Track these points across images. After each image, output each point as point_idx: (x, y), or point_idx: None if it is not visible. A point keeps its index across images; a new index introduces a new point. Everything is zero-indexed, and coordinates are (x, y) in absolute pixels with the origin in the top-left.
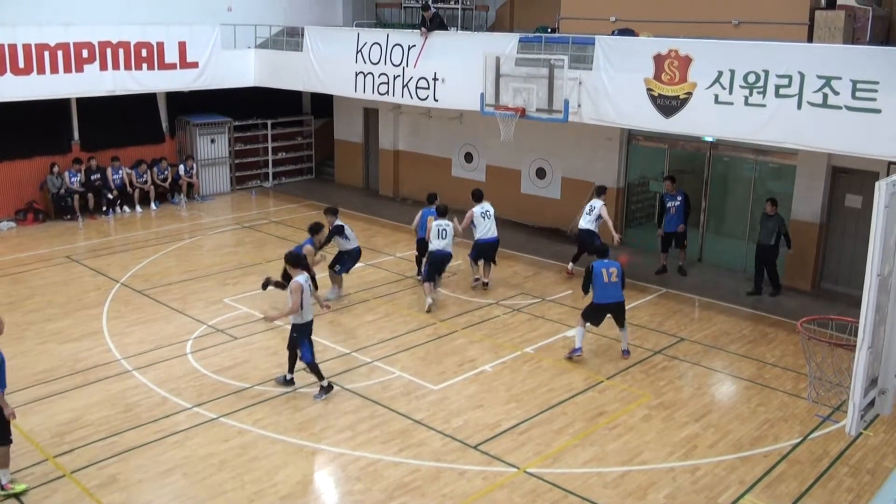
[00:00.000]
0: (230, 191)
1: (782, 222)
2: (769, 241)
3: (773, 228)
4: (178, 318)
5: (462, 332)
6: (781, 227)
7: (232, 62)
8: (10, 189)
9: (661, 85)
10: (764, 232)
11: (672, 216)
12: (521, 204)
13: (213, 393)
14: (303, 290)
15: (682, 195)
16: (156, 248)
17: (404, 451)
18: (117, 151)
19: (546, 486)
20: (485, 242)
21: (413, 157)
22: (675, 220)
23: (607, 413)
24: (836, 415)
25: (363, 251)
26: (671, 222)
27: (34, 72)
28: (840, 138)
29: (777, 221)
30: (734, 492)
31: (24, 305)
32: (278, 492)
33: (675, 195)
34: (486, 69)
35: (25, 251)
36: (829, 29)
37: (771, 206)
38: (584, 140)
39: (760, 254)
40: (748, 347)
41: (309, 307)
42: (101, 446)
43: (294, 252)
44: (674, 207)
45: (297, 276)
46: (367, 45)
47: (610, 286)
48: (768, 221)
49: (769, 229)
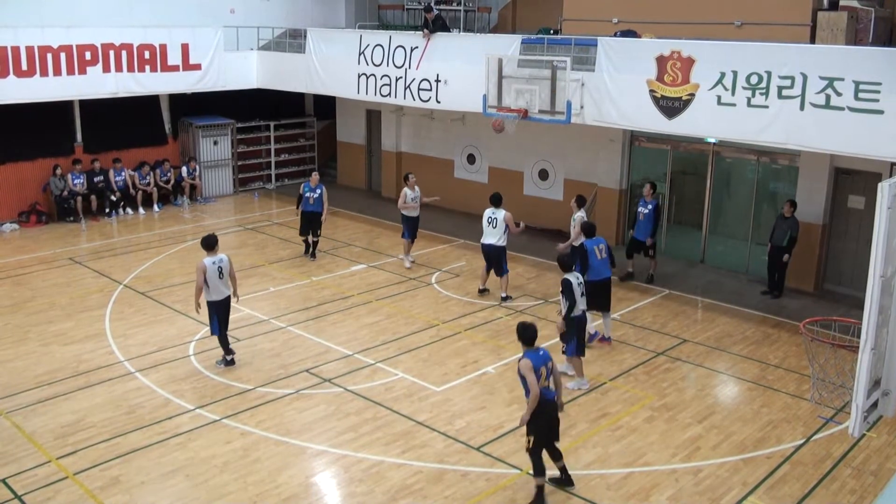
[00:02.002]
0: (233, 193)
1: (795, 225)
2: (782, 243)
3: (787, 230)
4: (180, 319)
5: (465, 333)
6: (794, 229)
7: (234, 64)
8: (13, 191)
9: (663, 86)
10: (779, 233)
11: (641, 222)
12: (524, 205)
13: (215, 395)
14: (206, 270)
15: (655, 204)
16: (158, 250)
17: (407, 452)
18: (120, 153)
19: (549, 488)
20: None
21: (415, 158)
22: (644, 227)
23: (610, 415)
24: (839, 416)
25: (364, 252)
26: (640, 229)
27: (37, 74)
28: (843, 139)
29: (791, 224)
30: (737, 493)
31: (26, 307)
32: (281, 493)
33: (649, 202)
34: (489, 71)
35: (28, 253)
36: (831, 30)
37: (789, 208)
38: (586, 141)
39: (773, 254)
40: (751, 349)
41: (217, 286)
42: (104, 448)
43: (207, 236)
44: (643, 214)
45: (206, 258)
46: (370, 46)
47: (602, 263)
48: (784, 223)
49: (783, 230)
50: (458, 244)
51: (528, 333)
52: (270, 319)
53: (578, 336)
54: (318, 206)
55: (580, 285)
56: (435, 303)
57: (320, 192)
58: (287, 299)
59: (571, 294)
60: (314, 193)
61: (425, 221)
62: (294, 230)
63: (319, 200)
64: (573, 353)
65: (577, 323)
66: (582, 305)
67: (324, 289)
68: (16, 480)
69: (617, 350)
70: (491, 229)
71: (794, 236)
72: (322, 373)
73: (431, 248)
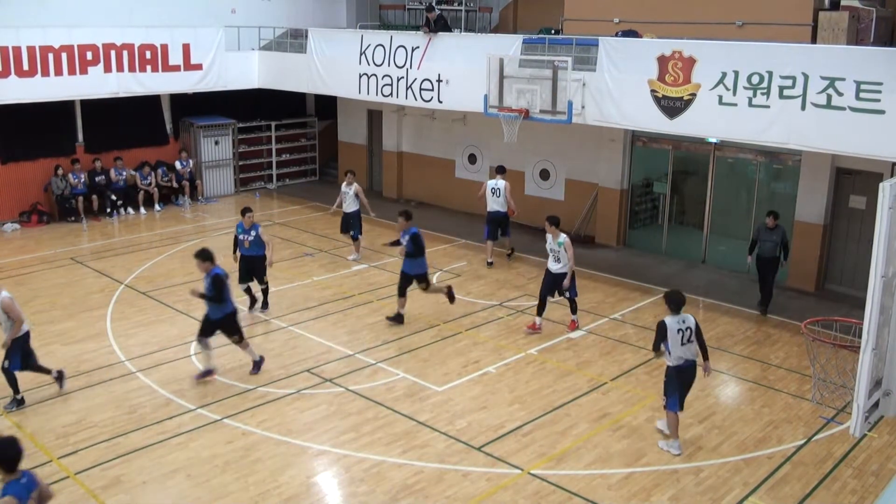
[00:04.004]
0: (234, 192)
1: (784, 233)
2: (774, 254)
3: (777, 241)
4: (182, 319)
5: (466, 333)
6: (784, 238)
7: (236, 64)
8: (15, 191)
9: (664, 86)
10: (768, 245)
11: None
12: (525, 205)
13: (216, 394)
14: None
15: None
16: (160, 250)
17: (408, 452)
18: (121, 153)
19: (550, 488)
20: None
21: (417, 158)
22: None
23: (611, 414)
24: (840, 416)
25: (365, 252)
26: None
27: (38, 74)
28: (844, 139)
29: (779, 234)
30: (738, 493)
31: (28, 307)
32: (282, 493)
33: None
34: (490, 71)
35: (29, 253)
36: (832, 30)
37: (772, 220)
38: (587, 141)
39: (762, 267)
40: (752, 349)
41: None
42: (105, 448)
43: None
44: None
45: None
46: (371, 46)
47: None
48: (771, 234)
49: (773, 242)
50: (460, 244)
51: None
52: (272, 319)
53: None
54: (257, 249)
55: (680, 332)
56: (436, 303)
57: (255, 233)
58: (288, 299)
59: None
60: (248, 236)
61: (425, 222)
62: (295, 229)
63: (257, 243)
64: (670, 406)
65: (674, 373)
66: (681, 353)
67: (325, 289)
68: None
69: (618, 350)
70: (495, 198)
71: (786, 244)
72: (323, 373)
73: (432, 248)
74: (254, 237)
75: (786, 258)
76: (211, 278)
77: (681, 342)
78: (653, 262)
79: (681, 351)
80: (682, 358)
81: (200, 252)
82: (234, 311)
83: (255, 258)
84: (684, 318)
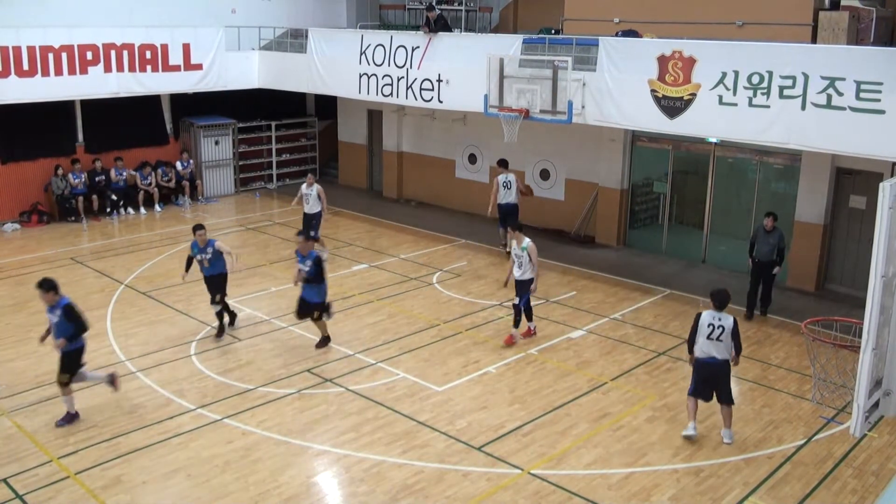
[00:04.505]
0: (234, 192)
1: (782, 237)
2: (771, 258)
3: (775, 244)
4: (182, 319)
5: (466, 333)
6: (781, 241)
7: (236, 64)
8: (15, 191)
9: (665, 86)
10: (766, 248)
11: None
12: (526, 205)
13: (217, 394)
14: None
15: None
16: (160, 250)
17: (408, 452)
18: (121, 153)
19: (550, 488)
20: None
21: (417, 158)
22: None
23: (611, 414)
24: (840, 416)
25: (365, 251)
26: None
27: (38, 74)
28: (844, 139)
29: (776, 237)
30: (738, 493)
31: (28, 307)
32: (282, 493)
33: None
34: (490, 70)
35: (30, 253)
36: (832, 30)
37: (771, 222)
38: (587, 141)
39: (760, 271)
40: (752, 349)
41: None
42: (106, 447)
43: None
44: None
45: None
46: (371, 46)
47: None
48: (769, 237)
49: (771, 245)
50: (460, 244)
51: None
52: (272, 319)
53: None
54: (219, 268)
55: (711, 326)
56: (436, 303)
57: (212, 248)
58: (288, 299)
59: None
60: (205, 254)
61: (426, 221)
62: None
63: (216, 259)
64: (689, 390)
65: (696, 364)
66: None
67: None
68: (17, 480)
69: (618, 350)
70: (507, 191)
71: (783, 248)
72: (323, 373)
73: (433, 248)
74: (211, 254)
75: (780, 263)
76: (62, 309)
77: (707, 336)
78: (653, 261)
79: (705, 345)
80: (704, 352)
81: (43, 282)
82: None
83: (218, 276)
84: (722, 316)
